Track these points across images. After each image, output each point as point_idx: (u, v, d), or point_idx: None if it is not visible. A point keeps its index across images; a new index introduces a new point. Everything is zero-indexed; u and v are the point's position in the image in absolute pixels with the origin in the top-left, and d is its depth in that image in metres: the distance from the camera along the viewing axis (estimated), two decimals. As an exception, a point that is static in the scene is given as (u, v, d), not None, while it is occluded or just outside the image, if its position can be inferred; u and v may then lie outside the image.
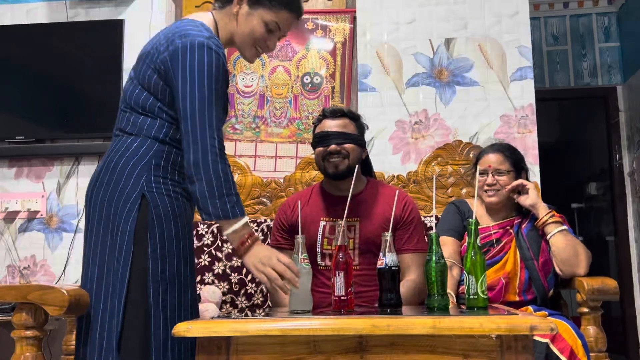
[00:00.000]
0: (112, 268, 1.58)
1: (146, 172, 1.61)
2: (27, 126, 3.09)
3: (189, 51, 1.57)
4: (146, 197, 1.59)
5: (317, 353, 1.36)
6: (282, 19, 1.75)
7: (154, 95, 1.65)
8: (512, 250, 2.15)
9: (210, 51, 1.58)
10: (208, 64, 1.57)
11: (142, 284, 1.56)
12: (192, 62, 1.56)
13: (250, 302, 2.46)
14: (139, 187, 1.59)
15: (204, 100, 1.56)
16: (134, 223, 1.57)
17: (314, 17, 3.06)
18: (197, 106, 1.55)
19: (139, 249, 1.57)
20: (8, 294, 1.68)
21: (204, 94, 1.56)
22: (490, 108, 2.84)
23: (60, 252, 3.02)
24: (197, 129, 1.54)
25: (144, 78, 1.66)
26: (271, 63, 3.04)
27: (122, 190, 1.60)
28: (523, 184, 2.19)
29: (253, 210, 2.66)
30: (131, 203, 1.58)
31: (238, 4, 1.72)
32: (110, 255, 1.59)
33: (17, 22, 3.19)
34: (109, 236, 1.59)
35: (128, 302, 1.55)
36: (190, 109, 1.55)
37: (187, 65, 1.56)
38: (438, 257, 1.58)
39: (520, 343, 1.32)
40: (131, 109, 1.68)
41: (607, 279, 2.01)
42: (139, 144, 1.63)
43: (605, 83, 4.39)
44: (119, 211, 1.59)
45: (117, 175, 1.61)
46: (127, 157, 1.63)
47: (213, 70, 1.58)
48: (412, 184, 2.73)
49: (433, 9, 2.95)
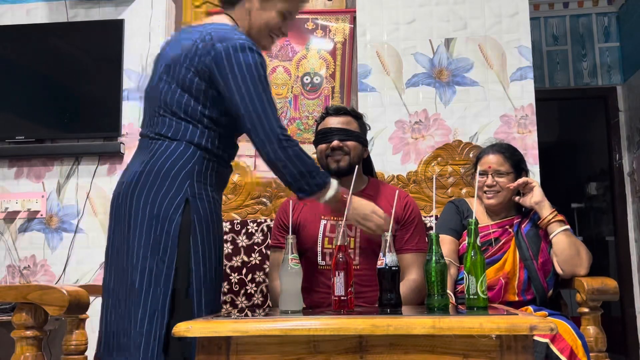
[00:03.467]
0: (156, 267, 1.61)
1: (189, 177, 1.66)
2: (27, 126, 3.09)
3: (233, 54, 1.64)
4: (189, 202, 1.65)
5: (317, 353, 1.36)
6: (294, 5, 1.83)
7: (195, 98, 1.69)
8: (511, 250, 2.15)
9: (253, 51, 1.66)
10: (254, 64, 1.65)
11: (187, 286, 1.62)
12: (240, 63, 1.64)
13: (250, 302, 2.46)
14: (183, 191, 1.65)
15: (262, 96, 1.65)
16: (179, 226, 1.63)
17: (314, 17, 3.06)
18: (258, 104, 1.64)
19: (182, 251, 1.63)
20: (8, 294, 1.68)
21: (259, 91, 1.65)
22: (490, 108, 2.84)
23: (60, 252, 3.02)
24: (265, 124, 1.64)
25: (184, 81, 1.68)
26: (271, 63, 3.04)
27: (166, 193, 1.64)
28: (528, 182, 2.18)
29: (253, 210, 2.67)
30: (176, 206, 1.64)
31: (249, 0, 1.78)
32: (152, 255, 1.62)
33: (17, 22, 3.19)
34: (152, 237, 1.63)
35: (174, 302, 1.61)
36: (252, 107, 1.64)
37: (235, 67, 1.64)
38: (438, 257, 1.57)
39: (520, 343, 1.32)
40: (172, 113, 1.70)
41: (607, 279, 2.01)
42: (182, 150, 1.68)
43: (605, 83, 4.39)
44: (163, 213, 1.63)
45: (162, 178, 1.65)
46: (171, 162, 1.67)
47: (260, 69, 1.66)
48: (412, 184, 2.73)
49: (433, 9, 2.95)
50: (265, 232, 2.52)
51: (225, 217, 2.63)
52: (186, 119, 1.69)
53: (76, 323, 2.18)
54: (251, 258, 2.49)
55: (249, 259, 2.49)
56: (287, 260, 1.63)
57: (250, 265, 2.49)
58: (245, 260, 2.49)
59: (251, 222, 2.54)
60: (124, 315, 1.62)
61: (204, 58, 1.65)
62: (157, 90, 1.73)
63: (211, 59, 1.65)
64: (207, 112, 1.69)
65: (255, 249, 2.50)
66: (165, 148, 1.68)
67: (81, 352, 2.18)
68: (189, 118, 1.69)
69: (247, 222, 2.54)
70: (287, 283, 1.61)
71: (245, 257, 2.50)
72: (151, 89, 1.77)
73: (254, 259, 2.49)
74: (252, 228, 2.53)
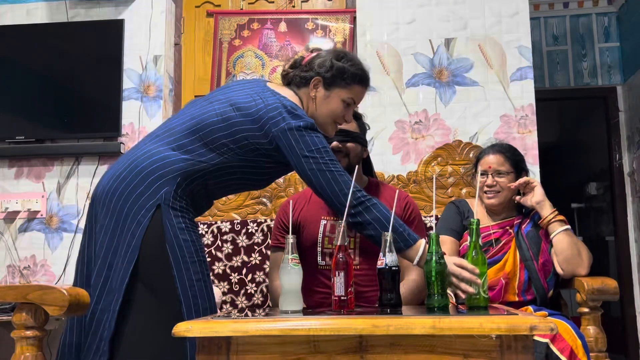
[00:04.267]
0: (117, 267, 1.61)
1: (168, 185, 1.63)
2: (27, 126, 3.09)
3: (298, 134, 1.66)
4: (161, 208, 1.62)
5: (317, 353, 1.36)
6: (356, 93, 1.85)
7: (234, 140, 1.68)
8: (511, 250, 2.15)
9: (315, 131, 1.69)
10: (314, 143, 1.68)
11: (172, 290, 1.60)
12: (300, 145, 1.66)
13: (250, 302, 2.46)
14: (157, 197, 1.62)
15: (327, 176, 1.67)
16: (144, 230, 1.60)
17: (314, 17, 3.06)
18: (325, 185, 1.67)
19: (143, 255, 1.60)
20: (8, 294, 1.68)
21: (325, 171, 1.67)
22: (490, 108, 2.84)
23: (60, 252, 3.02)
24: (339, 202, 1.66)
25: (235, 125, 1.68)
26: (271, 63, 3.04)
27: (140, 195, 1.62)
28: (529, 182, 2.18)
29: (253, 210, 2.67)
30: (146, 210, 1.61)
31: (315, 87, 1.81)
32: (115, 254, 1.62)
33: (17, 22, 3.19)
34: (118, 235, 1.62)
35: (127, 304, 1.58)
36: (321, 190, 1.67)
37: (298, 148, 1.67)
38: (438, 257, 1.57)
39: (520, 343, 1.32)
40: (199, 138, 1.69)
41: (607, 279, 2.01)
42: (175, 160, 1.66)
43: (605, 83, 4.38)
44: (132, 213, 1.62)
45: (140, 179, 1.63)
46: (156, 166, 1.65)
47: (320, 147, 1.68)
48: (412, 184, 2.73)
49: (433, 9, 2.95)
50: (265, 232, 2.52)
51: (225, 217, 2.63)
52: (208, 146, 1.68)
53: (76, 323, 2.18)
54: (251, 258, 2.50)
55: (249, 259, 2.49)
56: (287, 260, 1.63)
57: (250, 265, 2.49)
58: (245, 260, 2.49)
59: (251, 222, 2.54)
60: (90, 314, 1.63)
61: (267, 126, 1.67)
62: (201, 107, 1.74)
63: (276, 132, 1.66)
64: (234, 145, 1.68)
65: (255, 249, 2.50)
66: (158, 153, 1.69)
67: (81, 352, 2.18)
68: (211, 145, 1.68)
69: (247, 222, 2.55)
70: (287, 283, 1.61)
71: (245, 257, 2.50)
72: (196, 105, 1.78)
73: (254, 259, 2.49)
74: (252, 228, 2.53)
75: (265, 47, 3.10)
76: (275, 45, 3.09)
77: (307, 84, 1.82)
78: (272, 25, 3.09)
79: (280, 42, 3.09)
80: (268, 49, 3.10)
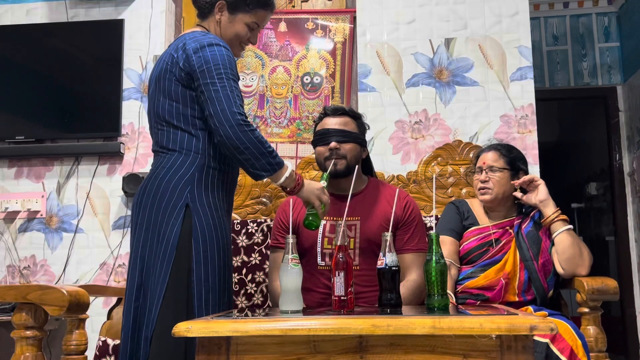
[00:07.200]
0: (156, 271, 1.71)
1: (189, 184, 1.75)
2: (27, 126, 3.10)
3: (201, 50, 1.76)
4: (190, 207, 1.73)
5: (317, 353, 1.36)
6: (259, 17, 1.95)
7: (183, 103, 1.79)
8: (511, 250, 2.15)
9: (220, 46, 1.78)
10: (220, 55, 1.76)
11: (187, 284, 1.69)
12: (207, 56, 1.75)
13: (250, 302, 2.46)
14: (183, 197, 1.74)
15: (225, 83, 1.73)
16: (178, 231, 1.71)
17: (314, 17, 3.06)
18: (220, 89, 1.72)
19: (180, 254, 1.70)
20: (8, 294, 1.68)
21: (223, 79, 1.74)
22: (490, 108, 2.84)
23: (60, 252, 3.02)
24: (226, 109, 1.70)
25: (170, 92, 1.80)
26: (271, 63, 3.04)
27: (168, 201, 1.74)
28: (533, 179, 2.16)
29: (253, 210, 2.66)
30: (176, 213, 1.73)
31: (219, 12, 1.90)
32: (154, 259, 1.72)
33: (17, 22, 3.19)
34: (155, 242, 1.73)
35: (169, 302, 1.67)
36: (215, 94, 1.72)
37: (202, 59, 1.75)
38: (438, 257, 1.57)
39: (520, 343, 1.32)
40: (167, 124, 1.81)
41: (607, 279, 2.01)
42: (182, 160, 1.78)
43: (605, 83, 4.38)
44: (165, 219, 1.73)
45: (164, 186, 1.75)
46: (173, 171, 1.76)
47: (226, 60, 1.77)
48: (412, 184, 2.73)
49: (433, 9, 2.95)
50: (265, 232, 2.52)
51: (225, 217, 2.63)
52: (179, 126, 1.79)
53: (76, 323, 2.18)
54: (251, 258, 2.49)
55: (249, 259, 2.49)
56: (287, 260, 1.63)
57: (250, 265, 2.49)
58: (245, 260, 2.49)
59: (251, 222, 2.54)
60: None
61: (179, 64, 1.77)
62: (152, 106, 1.86)
63: (184, 61, 1.77)
64: (196, 113, 1.79)
65: (255, 249, 2.50)
66: (167, 160, 1.79)
67: (81, 352, 2.18)
68: (182, 125, 1.79)
69: (247, 222, 2.54)
70: (287, 283, 1.61)
71: (245, 257, 2.50)
72: (149, 107, 1.89)
73: (254, 259, 2.49)
74: (252, 228, 2.53)
75: (265, 47, 3.10)
76: (275, 45, 3.09)
77: (213, 8, 1.90)
78: (272, 25, 3.09)
79: (280, 42, 3.09)
80: (268, 49, 3.10)
